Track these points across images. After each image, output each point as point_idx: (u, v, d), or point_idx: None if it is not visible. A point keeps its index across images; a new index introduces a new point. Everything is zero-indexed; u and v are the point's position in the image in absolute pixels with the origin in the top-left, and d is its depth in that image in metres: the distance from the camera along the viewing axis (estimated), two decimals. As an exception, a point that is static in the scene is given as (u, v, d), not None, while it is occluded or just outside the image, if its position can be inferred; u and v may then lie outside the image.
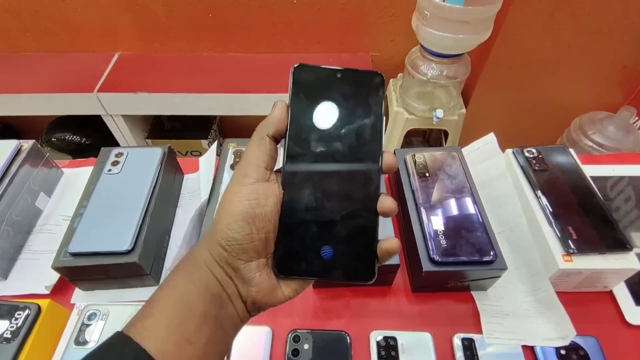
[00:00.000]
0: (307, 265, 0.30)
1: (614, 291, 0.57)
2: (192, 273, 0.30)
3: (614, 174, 0.68)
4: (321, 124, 0.32)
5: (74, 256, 0.51)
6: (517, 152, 0.64)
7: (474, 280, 0.55)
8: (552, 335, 0.52)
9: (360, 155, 0.31)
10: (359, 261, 0.30)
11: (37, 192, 0.65)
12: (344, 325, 0.54)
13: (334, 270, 0.30)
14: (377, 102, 0.32)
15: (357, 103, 0.32)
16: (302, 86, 0.32)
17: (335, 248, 0.30)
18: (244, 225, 0.29)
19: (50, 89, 1.44)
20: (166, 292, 0.29)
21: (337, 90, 0.32)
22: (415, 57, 1.35)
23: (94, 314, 0.50)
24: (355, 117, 0.32)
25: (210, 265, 0.30)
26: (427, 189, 0.59)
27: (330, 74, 0.32)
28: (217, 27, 1.50)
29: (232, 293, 0.30)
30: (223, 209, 0.30)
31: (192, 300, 0.28)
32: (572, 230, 0.54)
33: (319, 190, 0.31)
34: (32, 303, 0.49)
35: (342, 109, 0.32)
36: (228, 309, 0.30)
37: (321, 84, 0.32)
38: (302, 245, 0.30)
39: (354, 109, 0.32)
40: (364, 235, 0.30)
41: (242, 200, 0.29)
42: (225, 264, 0.30)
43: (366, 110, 0.32)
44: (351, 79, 0.32)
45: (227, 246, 0.29)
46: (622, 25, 1.31)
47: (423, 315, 0.56)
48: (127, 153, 0.62)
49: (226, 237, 0.29)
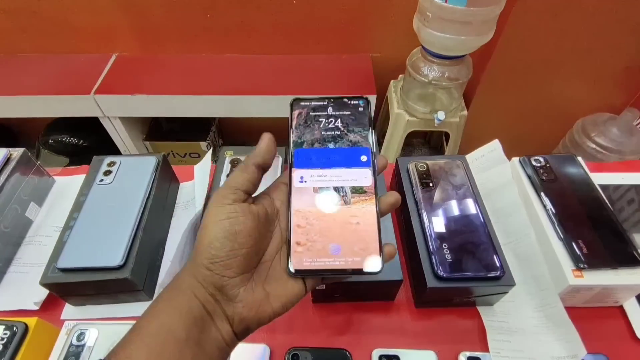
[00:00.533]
0: (319, 262, 0.32)
1: (625, 306, 0.55)
2: (174, 298, 0.30)
3: (623, 182, 0.66)
4: (320, 140, 0.37)
5: (63, 272, 0.49)
6: (524, 160, 0.62)
7: (480, 296, 0.53)
8: (561, 353, 0.50)
9: (357, 160, 0.36)
10: (367, 253, 0.32)
11: (27, 202, 0.63)
12: (344, 342, 0.52)
13: (344, 264, 0.32)
14: (364, 120, 0.38)
15: (348, 121, 0.38)
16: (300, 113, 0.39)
17: (343, 243, 0.33)
18: (225, 242, 0.30)
19: (47, 90, 1.43)
20: (148, 319, 0.29)
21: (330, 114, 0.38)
22: (416, 59, 1.33)
23: (82, 333, 0.48)
24: (348, 131, 0.37)
25: (193, 288, 0.30)
26: (430, 200, 0.56)
27: (322, 101, 0.39)
28: (216, 28, 1.49)
29: (216, 314, 0.31)
30: (204, 233, 0.31)
31: (174, 325, 0.29)
32: (582, 244, 0.52)
33: (323, 191, 0.35)
34: (19, 322, 0.47)
35: (335, 127, 0.38)
36: (211, 332, 0.30)
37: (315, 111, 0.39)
38: (313, 243, 0.33)
39: (346, 125, 0.38)
40: (368, 229, 0.33)
41: (222, 220, 0.31)
42: (208, 284, 0.30)
43: (356, 125, 0.38)
44: (340, 103, 0.39)
45: (210, 265, 0.30)
46: (625, 26, 1.29)
47: (427, 332, 0.54)
48: (120, 162, 0.60)
49: (209, 256, 0.30)
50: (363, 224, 0.33)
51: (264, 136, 0.35)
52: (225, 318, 0.31)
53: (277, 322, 0.54)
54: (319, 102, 0.39)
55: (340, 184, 0.35)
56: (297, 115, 0.38)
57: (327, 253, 0.32)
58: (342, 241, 0.33)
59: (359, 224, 0.33)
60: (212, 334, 0.30)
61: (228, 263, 0.30)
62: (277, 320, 0.54)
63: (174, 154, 1.71)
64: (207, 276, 0.30)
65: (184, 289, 0.30)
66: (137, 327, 0.29)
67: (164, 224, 0.63)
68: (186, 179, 0.71)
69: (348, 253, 0.32)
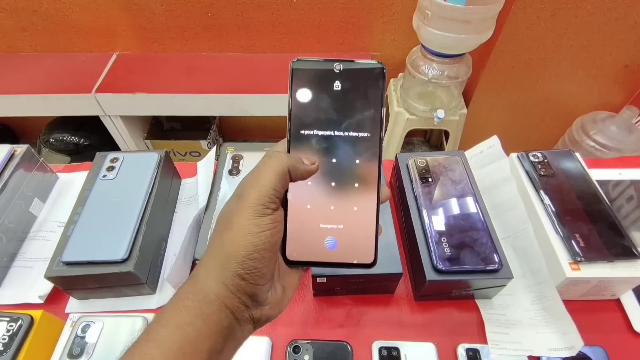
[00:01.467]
0: (313, 253, 0.32)
1: (622, 299, 0.56)
2: (202, 309, 0.28)
3: (621, 178, 0.66)
4: (322, 117, 0.32)
5: (68, 265, 0.50)
6: (522, 156, 0.63)
7: (478, 289, 0.54)
8: (559, 345, 0.50)
9: (360, 147, 0.33)
10: (362, 247, 0.32)
11: (31, 198, 0.63)
12: (345, 335, 0.53)
13: (339, 256, 0.32)
14: (377, 94, 0.32)
15: (357, 95, 0.32)
16: (302, 81, 0.33)
17: (339, 236, 0.32)
18: (266, 254, 0.29)
19: (48, 89, 1.43)
20: (171, 330, 0.27)
21: (337, 83, 0.32)
22: (416, 57, 1.34)
23: (87, 325, 0.49)
24: (355, 110, 0.32)
25: (224, 298, 0.29)
26: (429, 195, 0.57)
27: (329, 66, 0.33)
28: (216, 26, 1.49)
29: (243, 319, 0.30)
30: (242, 241, 0.28)
31: (200, 339, 0.27)
32: (579, 237, 0.52)
33: (322, 181, 0.32)
34: (25, 314, 0.48)
35: (342, 102, 0.32)
36: (235, 336, 0.30)
37: (321, 77, 0.33)
38: (309, 234, 0.32)
39: (354, 101, 0.32)
40: (365, 222, 0.33)
41: (264, 232, 0.29)
42: (242, 294, 0.29)
43: (366, 103, 0.32)
44: (350, 71, 0.32)
45: (247, 275, 0.29)
46: (625, 24, 1.30)
47: (426, 325, 0.54)
48: (122, 158, 0.60)
49: (247, 267, 0.28)
50: (360, 217, 0.33)
51: (314, 161, 0.32)
52: (251, 320, 0.30)
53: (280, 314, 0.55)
54: (325, 69, 0.32)
55: (341, 174, 0.33)
56: (297, 88, 0.33)
57: (322, 244, 0.32)
58: (338, 233, 0.32)
59: (357, 217, 0.33)
60: (235, 336, 0.30)
61: (264, 273, 0.29)
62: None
63: (174, 152, 1.72)
64: (241, 286, 0.29)
65: (213, 299, 0.28)
66: (156, 339, 0.27)
67: (167, 219, 0.63)
68: (188, 175, 0.72)
69: (343, 245, 0.32)
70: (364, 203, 0.33)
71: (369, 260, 0.32)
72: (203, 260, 0.30)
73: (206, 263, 0.30)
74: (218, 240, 0.30)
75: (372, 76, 0.32)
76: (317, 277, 0.51)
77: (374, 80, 0.32)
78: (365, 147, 0.32)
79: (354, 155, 0.33)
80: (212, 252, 0.30)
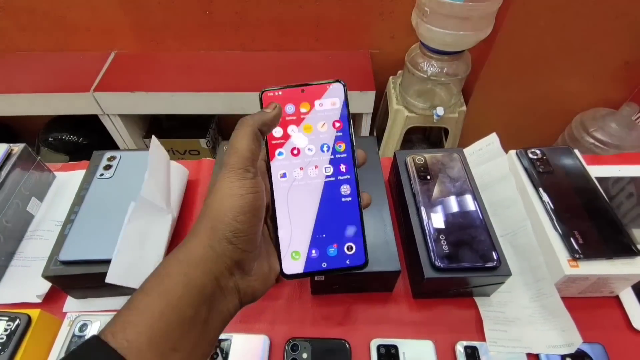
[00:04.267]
0: (308, 265, 0.33)
1: (621, 296, 0.56)
2: (186, 274, 0.28)
3: (620, 175, 0.66)
4: (297, 133, 0.35)
5: (65, 264, 0.50)
6: (521, 153, 0.63)
7: (477, 286, 0.54)
8: (557, 342, 0.50)
9: (336, 156, 0.35)
10: (352, 250, 0.34)
11: (29, 197, 0.63)
12: (343, 333, 0.53)
13: (333, 262, 0.33)
14: (342, 108, 0.35)
15: (323, 111, 0.35)
16: None
17: (329, 243, 0.34)
18: (251, 217, 0.30)
19: (46, 88, 1.42)
20: (154, 297, 0.27)
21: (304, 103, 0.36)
22: (415, 54, 1.33)
23: (85, 324, 0.49)
24: (324, 123, 0.35)
25: (210, 262, 0.29)
26: (428, 192, 0.57)
27: (294, 91, 0.36)
28: (215, 24, 1.49)
29: (227, 288, 0.30)
30: (227, 204, 0.29)
31: (182, 306, 0.27)
32: (578, 234, 0.52)
33: (303, 193, 0.34)
34: (22, 313, 0.48)
35: (311, 119, 0.35)
36: (220, 307, 0.30)
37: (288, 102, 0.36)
38: (301, 245, 0.34)
39: (321, 117, 0.35)
40: (352, 227, 0.34)
41: (247, 194, 0.29)
42: (228, 258, 0.29)
43: (332, 116, 0.35)
44: (313, 91, 0.36)
45: (233, 239, 0.29)
46: (625, 21, 1.29)
47: (425, 323, 0.54)
48: (119, 157, 0.60)
49: (234, 229, 0.29)
50: (347, 221, 0.34)
51: (274, 105, 0.34)
52: (237, 292, 0.31)
53: (277, 313, 0.55)
54: (291, 94, 0.35)
55: (322, 179, 0.35)
56: None
57: (315, 256, 0.33)
58: (328, 241, 0.34)
59: (343, 222, 0.34)
60: (220, 308, 0.30)
61: (251, 237, 0.30)
62: (277, 311, 0.55)
63: (173, 151, 1.72)
64: (227, 250, 0.29)
65: (198, 263, 0.28)
66: (137, 306, 0.27)
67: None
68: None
69: (335, 254, 0.34)
70: (347, 209, 0.34)
71: (360, 262, 0.34)
72: (193, 227, 0.30)
73: (195, 229, 0.30)
74: (205, 207, 0.30)
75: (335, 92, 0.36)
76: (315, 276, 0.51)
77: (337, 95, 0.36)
78: (341, 154, 0.35)
79: (329, 163, 0.35)
80: (201, 220, 0.30)
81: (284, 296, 0.56)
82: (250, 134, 0.31)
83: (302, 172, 0.34)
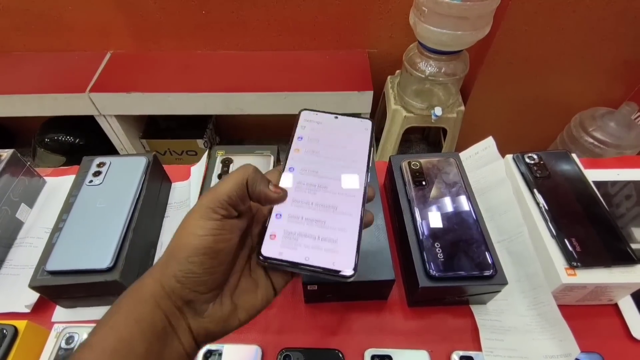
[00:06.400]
0: (290, 254, 0.32)
1: (619, 304, 0.55)
2: (134, 309, 0.28)
3: (618, 179, 0.65)
4: (319, 150, 0.37)
5: (52, 274, 0.48)
6: (518, 158, 0.62)
7: (472, 294, 0.53)
8: (554, 352, 0.49)
9: (348, 176, 0.36)
10: (341, 256, 0.32)
11: (18, 204, 0.62)
12: (337, 342, 0.52)
13: (315, 261, 0.31)
14: (364, 144, 0.38)
15: (348, 142, 0.38)
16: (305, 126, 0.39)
17: (319, 242, 0.32)
18: (206, 260, 0.28)
19: (42, 89, 1.42)
20: (105, 332, 0.27)
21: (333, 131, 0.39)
22: (413, 54, 1.32)
23: (71, 336, 0.48)
24: (346, 150, 0.38)
25: (159, 298, 0.28)
26: (423, 198, 0.56)
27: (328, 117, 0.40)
28: (211, 24, 1.48)
29: (180, 327, 0.29)
30: (184, 241, 0.28)
31: (134, 341, 0.27)
32: (575, 242, 0.51)
33: (309, 188, 0.35)
34: (9, 325, 0.47)
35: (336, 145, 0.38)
36: (173, 345, 0.29)
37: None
38: (288, 235, 0.32)
39: (346, 145, 0.38)
40: (348, 233, 0.33)
41: (206, 236, 0.28)
42: (176, 297, 0.28)
43: (355, 148, 0.38)
44: (345, 122, 0.40)
45: (182, 278, 0.28)
46: (624, 19, 1.28)
47: (420, 332, 0.53)
48: (109, 162, 0.59)
49: (185, 269, 0.28)
50: (344, 227, 0.33)
51: (280, 189, 0.33)
52: (190, 332, 0.29)
53: (269, 322, 0.54)
54: (325, 119, 0.40)
55: (328, 190, 0.35)
56: (300, 130, 0.39)
57: (301, 247, 0.32)
58: (318, 240, 0.32)
59: (340, 228, 0.33)
60: (174, 347, 0.29)
61: (203, 280, 0.28)
62: (269, 320, 0.54)
63: (170, 151, 1.70)
64: (176, 288, 0.28)
65: (147, 299, 0.28)
66: (91, 344, 0.27)
67: (155, 224, 0.62)
68: (180, 178, 0.70)
69: (322, 252, 0.32)
70: (347, 217, 0.34)
71: (348, 270, 0.31)
72: (154, 261, 0.29)
73: (154, 264, 0.30)
74: (170, 242, 0.29)
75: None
76: (308, 285, 0.50)
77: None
78: (353, 173, 0.36)
79: (341, 179, 0.36)
80: (162, 255, 0.30)
81: (277, 305, 0.55)
82: (238, 182, 0.30)
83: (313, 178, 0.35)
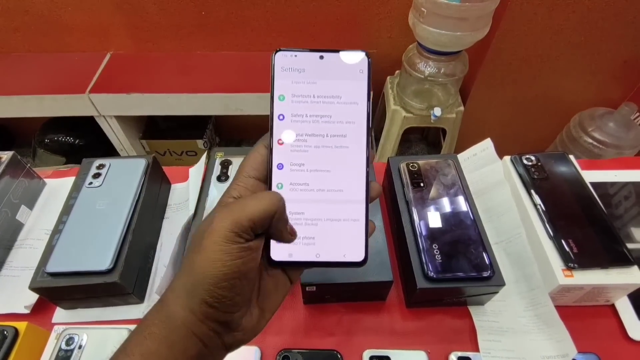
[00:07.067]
0: (300, 253, 0.31)
1: (616, 305, 0.55)
2: (167, 337, 0.26)
3: (616, 180, 0.65)
4: (307, 110, 0.32)
5: (52, 276, 0.49)
6: (515, 159, 0.62)
7: (470, 295, 0.53)
8: (552, 353, 0.50)
9: (347, 142, 0.31)
10: (351, 245, 0.31)
11: (18, 205, 0.62)
12: (335, 343, 0.52)
13: (327, 258, 0.31)
14: (361, 85, 0.32)
15: (342, 86, 0.32)
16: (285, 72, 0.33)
17: (326, 233, 0.31)
18: (237, 283, 0.27)
19: (42, 90, 1.42)
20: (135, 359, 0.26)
21: (321, 74, 0.32)
22: (412, 55, 1.32)
23: (71, 338, 0.48)
24: (340, 102, 0.32)
25: (191, 325, 0.27)
26: (421, 200, 0.56)
27: (312, 57, 0.32)
28: (210, 25, 1.48)
29: (215, 347, 0.28)
30: (208, 267, 0.26)
31: None
32: (572, 243, 0.51)
33: (310, 176, 0.31)
34: (9, 326, 0.47)
35: (327, 94, 0.32)
36: None
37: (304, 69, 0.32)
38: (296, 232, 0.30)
39: (339, 93, 0.32)
40: (355, 218, 0.31)
41: (235, 260, 0.26)
42: (212, 321, 0.27)
43: (351, 95, 0.32)
44: (334, 61, 0.32)
45: (215, 303, 0.27)
46: (623, 19, 1.28)
47: (418, 332, 0.54)
48: (109, 165, 0.59)
49: (216, 295, 0.26)
50: (349, 217, 0.31)
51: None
52: (223, 346, 0.29)
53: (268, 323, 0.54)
54: (308, 60, 0.32)
55: (328, 170, 0.31)
56: (279, 76, 0.33)
57: (309, 246, 0.31)
58: (325, 236, 0.31)
59: (345, 215, 0.31)
60: None
61: (236, 301, 0.27)
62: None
63: (170, 152, 1.70)
64: (210, 314, 0.27)
65: (179, 326, 0.27)
66: None
67: (155, 226, 0.63)
68: (179, 180, 0.71)
69: (331, 247, 0.31)
70: (352, 197, 0.31)
71: (359, 259, 0.31)
72: (173, 283, 0.28)
73: (175, 287, 0.28)
74: (188, 263, 0.28)
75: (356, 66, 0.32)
76: (307, 286, 0.51)
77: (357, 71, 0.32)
78: (352, 141, 0.32)
79: (341, 149, 0.32)
80: (181, 276, 0.28)
81: (276, 306, 0.56)
82: (267, 210, 0.27)
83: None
